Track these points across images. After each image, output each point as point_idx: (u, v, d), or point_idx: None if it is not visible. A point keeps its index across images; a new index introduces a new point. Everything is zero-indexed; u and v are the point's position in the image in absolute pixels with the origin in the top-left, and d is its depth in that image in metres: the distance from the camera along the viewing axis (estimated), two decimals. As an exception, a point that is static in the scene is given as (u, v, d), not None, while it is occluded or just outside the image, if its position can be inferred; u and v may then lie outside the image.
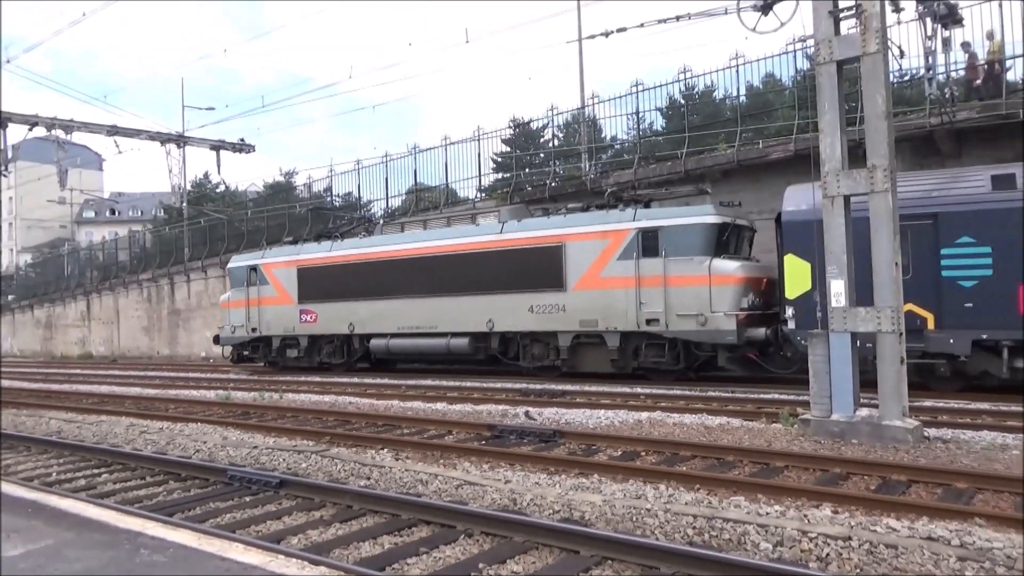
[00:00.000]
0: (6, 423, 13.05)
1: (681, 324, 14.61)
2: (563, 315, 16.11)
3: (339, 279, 19.98)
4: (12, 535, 4.71)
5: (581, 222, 16.30)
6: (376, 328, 19.25)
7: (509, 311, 16.87)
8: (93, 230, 76.04)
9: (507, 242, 17.09)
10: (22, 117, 23.23)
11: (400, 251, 18.94)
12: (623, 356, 15.58)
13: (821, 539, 4.95)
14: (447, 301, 17.82)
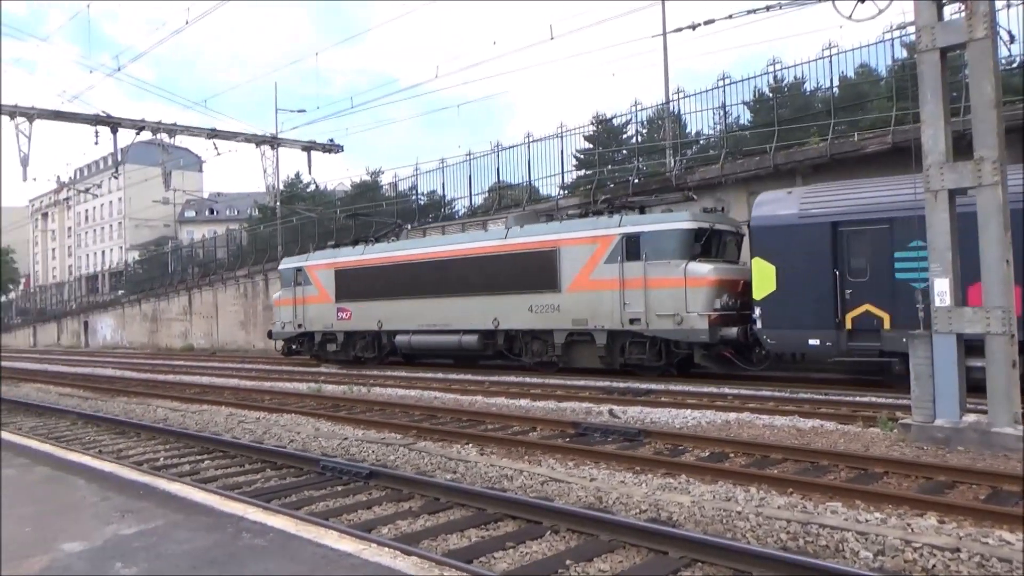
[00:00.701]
0: (118, 410, 13.89)
1: (660, 323, 15.52)
2: (558, 314, 17.26)
3: (369, 280, 21.70)
4: (127, 515, 5.02)
5: (573, 228, 17.47)
6: (400, 325, 20.76)
7: (512, 310, 18.09)
8: (194, 229, 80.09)
9: (510, 247, 18.37)
10: (131, 122, 24.62)
11: (419, 255, 20.53)
12: (610, 353, 16.62)
13: (927, 550, 4.72)
14: (459, 301, 19.17)
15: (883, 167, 15.89)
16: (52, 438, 10.45)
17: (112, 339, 48.64)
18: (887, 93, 18.61)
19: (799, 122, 19.71)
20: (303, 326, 23.85)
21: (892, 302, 12.77)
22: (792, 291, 13.79)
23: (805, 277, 13.69)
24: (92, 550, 4.26)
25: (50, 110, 23.65)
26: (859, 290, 13.26)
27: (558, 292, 17.24)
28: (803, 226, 13.80)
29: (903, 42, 18.39)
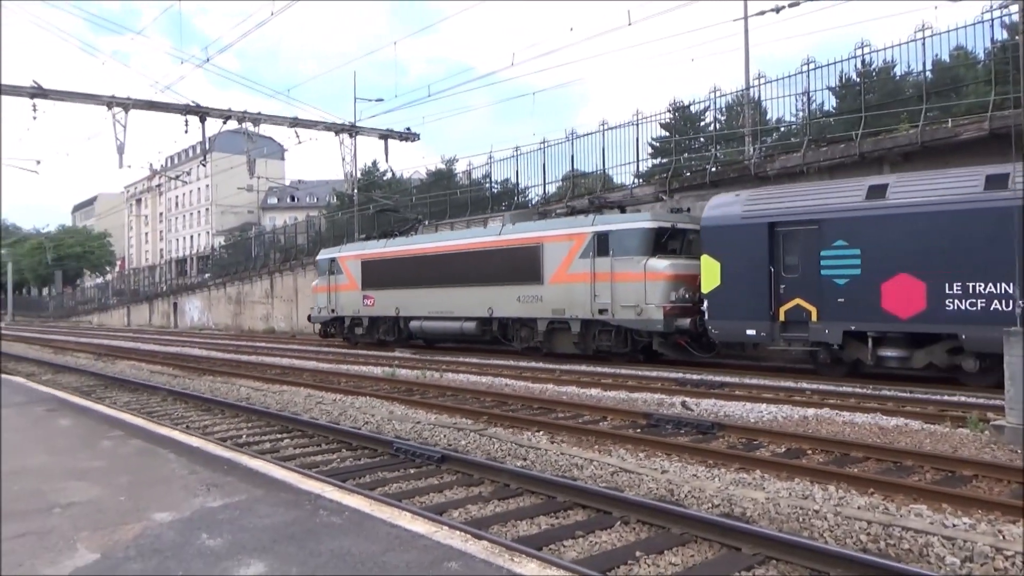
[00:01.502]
0: (204, 388, 14.53)
1: (623, 314, 17.08)
2: (541, 304, 19.02)
3: (389, 271, 24.10)
4: (212, 488, 5.26)
5: (555, 226, 19.25)
6: (413, 312, 23.07)
7: (504, 300, 19.95)
8: (276, 215, 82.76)
9: (503, 242, 20.24)
10: (218, 112, 25.61)
11: (429, 248, 22.72)
12: (583, 340, 18.37)
13: (1019, 558, 4.48)
14: (461, 291, 21.18)
15: (978, 155, 15.04)
16: (144, 413, 11.02)
17: (199, 320, 50.82)
18: (985, 77, 17.58)
19: (888, 108, 18.85)
20: (335, 311, 26.43)
21: (819, 296, 14.03)
22: (733, 285, 15.13)
23: (745, 273, 14.96)
24: (180, 520, 4.48)
25: (144, 100, 24.82)
26: (791, 285, 14.51)
27: (541, 284, 18.98)
28: (744, 226, 15.11)
29: (1004, 22, 17.32)
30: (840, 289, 13.79)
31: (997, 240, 11.90)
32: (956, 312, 12.49)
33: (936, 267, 12.68)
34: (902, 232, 13.10)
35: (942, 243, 12.59)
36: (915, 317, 12.95)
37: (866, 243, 13.52)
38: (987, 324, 12.00)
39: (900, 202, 13.28)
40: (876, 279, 13.33)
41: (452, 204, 31.84)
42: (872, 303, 13.37)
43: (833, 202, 14.16)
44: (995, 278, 12.13)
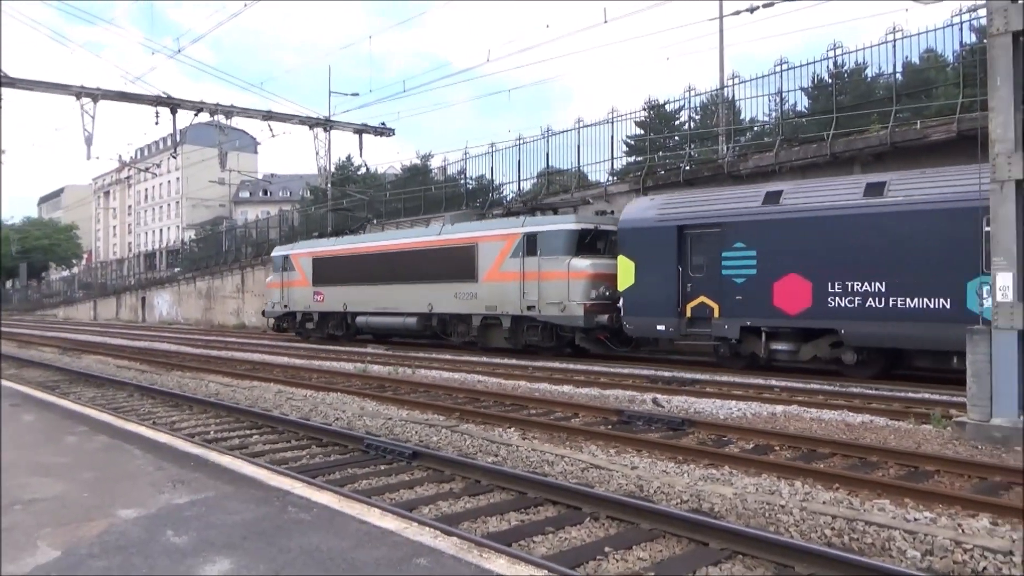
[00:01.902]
0: (173, 384, 14.35)
1: (549, 310, 18.09)
2: (475, 301, 19.96)
3: (337, 268, 25.02)
4: (179, 485, 5.19)
5: (489, 227, 20.34)
6: (360, 308, 24.00)
7: (442, 297, 20.94)
8: (248, 209, 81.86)
9: (442, 241, 21.29)
10: (190, 104, 25.23)
11: (375, 247, 23.74)
12: (514, 335, 19.25)
13: (978, 551, 4.59)
14: (403, 288, 22.13)
15: (948, 156, 15.32)
16: (110, 408, 10.85)
17: (168, 315, 50.12)
18: (954, 79, 17.91)
19: (860, 109, 19.12)
20: (288, 306, 27.58)
21: (720, 294, 15.10)
22: (646, 284, 16.22)
23: (656, 272, 16.03)
24: (147, 517, 4.42)
25: (114, 91, 24.39)
26: (697, 284, 15.60)
27: (476, 282, 19.97)
28: (657, 229, 16.19)
29: (972, 26, 17.65)
30: (738, 287, 14.88)
31: (873, 242, 13.13)
32: (837, 309, 13.61)
33: (820, 267, 13.79)
34: (792, 235, 14.19)
35: (826, 245, 13.69)
36: (802, 313, 14.06)
37: (761, 245, 14.59)
38: (863, 320, 13.27)
39: (791, 207, 14.44)
40: (769, 278, 14.43)
41: (427, 200, 31.71)
42: (765, 300, 14.45)
43: (734, 207, 15.30)
44: (870, 278, 13.25)
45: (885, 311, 13.02)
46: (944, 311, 12.41)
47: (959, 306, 12.16)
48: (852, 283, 13.45)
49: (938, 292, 12.55)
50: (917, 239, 12.76)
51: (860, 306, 13.33)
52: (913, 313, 12.78)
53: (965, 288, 12.17)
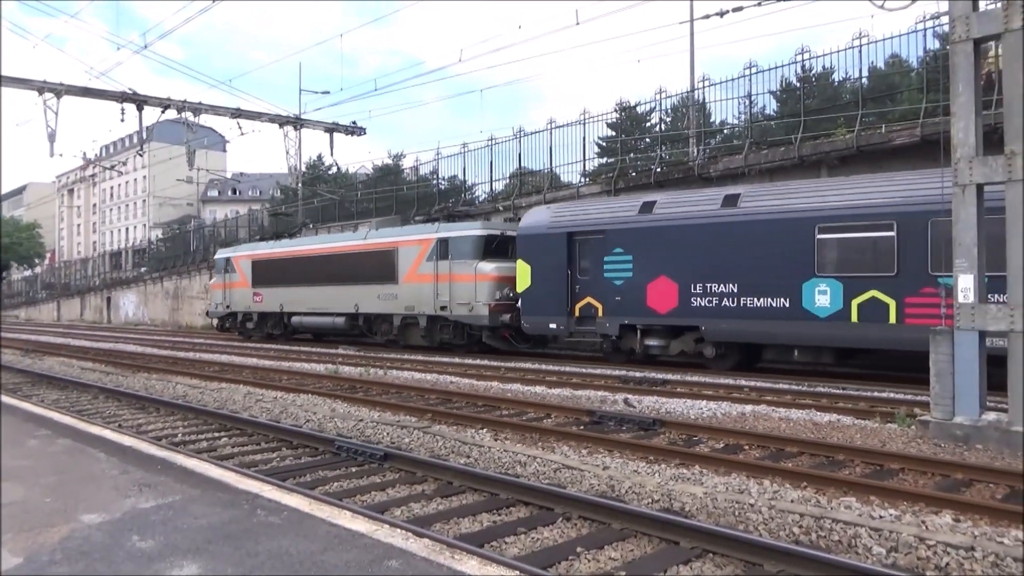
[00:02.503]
0: (139, 386, 14.09)
1: (459, 310, 19.49)
2: (396, 301, 21.39)
3: (274, 270, 26.43)
4: (144, 489, 5.10)
5: (408, 232, 21.95)
6: (295, 308, 25.46)
7: (367, 298, 22.29)
8: (216, 208, 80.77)
9: (367, 246, 22.69)
10: (157, 100, 24.79)
11: (308, 250, 25.26)
12: (429, 333, 20.71)
13: (940, 547, 4.68)
14: (333, 289, 23.44)
15: (911, 159, 15.65)
16: (74, 411, 10.64)
17: (134, 315, 49.27)
18: (918, 85, 18.28)
19: (826, 113, 19.42)
20: (230, 307, 28.86)
21: (603, 295, 16.57)
22: (541, 285, 17.67)
23: (549, 275, 17.48)
24: (111, 522, 4.34)
25: (78, 87, 23.88)
26: (584, 286, 17.05)
27: (396, 284, 21.41)
28: (549, 235, 17.60)
29: (936, 32, 18.03)
30: (618, 289, 16.36)
31: (727, 248, 14.62)
32: (699, 308, 15.15)
33: (685, 271, 15.30)
34: (662, 242, 15.68)
35: (690, 251, 15.21)
36: (670, 312, 15.59)
37: (637, 250, 16.08)
38: (720, 318, 14.82)
39: (662, 216, 15.90)
40: (643, 281, 15.95)
41: (399, 200, 31.57)
42: (640, 301, 15.97)
43: (615, 215, 16.76)
44: (726, 280, 14.76)
45: (738, 310, 14.56)
46: (784, 309, 13.98)
47: (796, 305, 13.79)
48: (711, 285, 14.96)
49: (780, 293, 14.06)
50: (763, 245, 14.24)
51: (717, 306, 14.86)
52: (760, 311, 14.30)
53: (801, 289, 13.79)
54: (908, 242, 12.64)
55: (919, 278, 12.46)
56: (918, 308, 12.47)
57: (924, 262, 12.49)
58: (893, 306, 12.75)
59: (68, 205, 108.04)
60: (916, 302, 12.51)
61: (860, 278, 13.15)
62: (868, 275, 13.09)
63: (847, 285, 13.27)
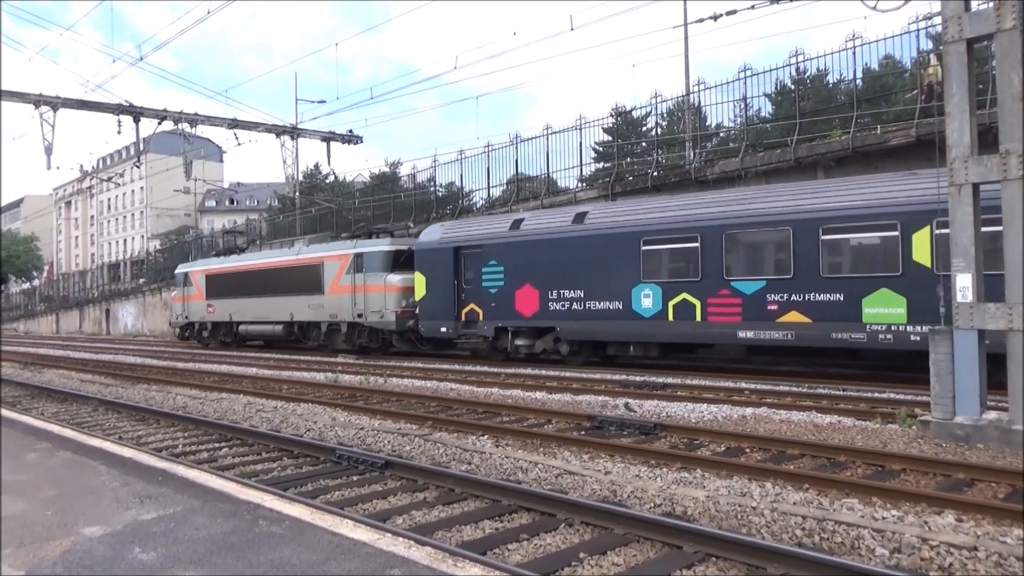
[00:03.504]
0: (138, 397, 14.07)
1: (372, 317, 21.93)
2: (322, 310, 23.80)
3: (224, 283, 28.95)
4: (146, 500, 5.09)
5: (333, 248, 24.43)
6: (241, 317, 27.90)
7: (299, 307, 24.76)
8: (214, 218, 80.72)
9: (299, 260, 25.19)
10: (153, 112, 24.84)
11: (251, 264, 28.02)
12: (350, 338, 23.17)
13: (944, 548, 4.67)
14: (272, 300, 25.90)
15: (907, 160, 15.69)
16: (74, 424, 10.62)
17: (133, 327, 49.19)
18: (912, 85, 18.34)
19: (822, 114, 19.48)
20: (188, 317, 31.42)
21: (482, 302, 18.90)
22: (433, 294, 20.05)
23: (440, 285, 19.85)
24: (112, 534, 4.33)
25: (74, 99, 23.92)
26: (467, 294, 19.36)
27: (323, 295, 23.75)
28: (440, 249, 19.95)
29: (929, 33, 18.11)
30: (493, 296, 18.71)
31: (576, 259, 16.85)
32: (555, 311, 17.45)
33: (544, 279, 17.55)
34: (527, 254, 17.95)
35: (547, 262, 17.45)
36: (533, 316, 17.90)
37: (507, 262, 18.42)
38: (571, 320, 17.14)
39: (528, 232, 18.20)
40: (512, 288, 18.26)
41: (396, 208, 31.59)
42: (510, 306, 18.29)
43: (491, 231, 19.22)
44: (575, 287, 17.02)
45: (584, 312, 16.86)
46: (619, 311, 16.22)
47: (628, 307, 16.08)
48: (564, 291, 17.27)
49: (615, 297, 16.27)
50: (603, 256, 16.48)
51: (569, 309, 17.18)
52: (602, 313, 16.58)
53: (631, 293, 16.01)
54: (709, 252, 14.88)
55: (718, 282, 14.76)
56: (717, 307, 14.82)
57: (721, 269, 14.73)
58: (699, 306, 15.06)
59: (66, 217, 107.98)
60: (715, 302, 14.84)
61: (674, 283, 15.49)
62: (680, 280, 15.42)
63: (665, 289, 15.59)
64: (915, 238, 12.57)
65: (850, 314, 13.17)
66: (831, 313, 13.39)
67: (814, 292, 13.59)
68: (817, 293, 13.57)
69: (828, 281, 13.48)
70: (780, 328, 13.98)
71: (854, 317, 13.13)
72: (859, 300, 13.12)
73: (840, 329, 13.32)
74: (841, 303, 13.31)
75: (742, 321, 14.43)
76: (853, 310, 13.15)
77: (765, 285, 14.13)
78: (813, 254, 13.62)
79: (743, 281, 14.47)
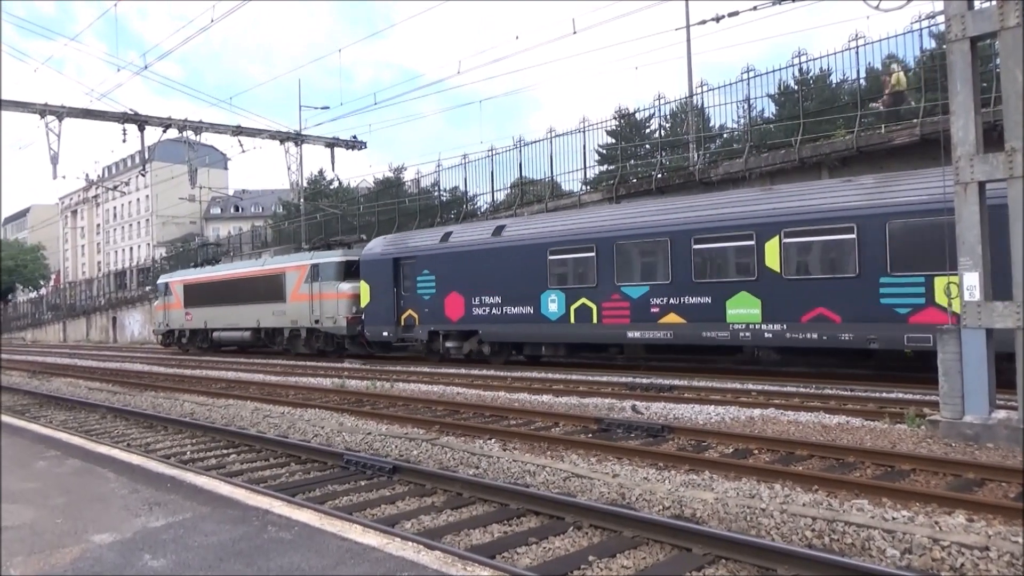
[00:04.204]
0: (146, 404, 14.11)
1: (327, 323, 24.07)
2: (285, 317, 25.98)
3: (200, 293, 31.19)
4: (155, 507, 5.10)
5: (294, 259, 26.56)
6: (215, 324, 30.10)
7: (265, 314, 26.91)
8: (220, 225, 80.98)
9: (264, 271, 27.32)
10: (158, 120, 24.96)
11: (223, 275, 30.34)
12: (308, 343, 25.30)
13: (955, 548, 4.64)
14: (241, 308, 28.14)
15: (911, 159, 15.65)
16: (82, 431, 10.64)
17: (140, 334, 49.31)
18: (915, 84, 18.30)
19: (825, 114, 19.44)
20: (169, 325, 33.57)
21: (418, 308, 20.77)
22: (376, 301, 21.95)
23: (382, 293, 21.71)
24: (122, 542, 4.34)
25: (79, 108, 24.04)
26: (406, 300, 21.22)
27: (285, 302, 25.88)
28: (383, 260, 21.90)
29: (932, 32, 18.07)
30: (427, 302, 20.53)
31: (495, 268, 18.67)
32: (477, 316, 19.22)
33: (468, 287, 19.38)
34: (454, 264, 19.80)
35: (471, 271, 19.29)
36: (459, 320, 19.75)
37: (438, 271, 20.24)
38: (491, 323, 18.91)
39: (455, 244, 20.04)
40: (442, 295, 20.09)
41: (401, 213, 31.65)
42: (441, 312, 20.12)
43: (425, 244, 21.07)
44: (494, 293, 18.80)
45: (502, 316, 18.64)
46: (530, 315, 18.07)
47: (537, 311, 17.95)
48: (485, 297, 19.00)
49: (527, 302, 18.06)
50: (517, 266, 18.24)
51: (489, 314, 18.93)
52: (516, 317, 18.37)
53: (540, 298, 17.82)
54: (603, 261, 16.63)
55: (610, 288, 16.46)
56: (610, 311, 16.53)
57: (613, 276, 16.41)
58: (595, 309, 16.77)
59: (72, 226, 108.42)
60: (609, 306, 16.54)
61: (575, 289, 17.17)
62: (579, 287, 17.10)
63: (568, 295, 17.31)
64: (767, 247, 14.22)
65: (717, 314, 14.85)
66: (702, 314, 15.11)
67: (687, 296, 15.34)
68: (690, 296, 15.32)
69: (699, 285, 15.19)
70: (661, 328, 15.78)
71: (720, 317, 14.82)
72: (724, 302, 14.78)
73: (709, 328, 15.03)
74: (710, 305, 15.00)
75: (630, 323, 16.25)
76: (719, 311, 14.83)
77: (648, 290, 15.96)
78: (687, 262, 15.34)
79: (631, 287, 16.27)
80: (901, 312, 12.64)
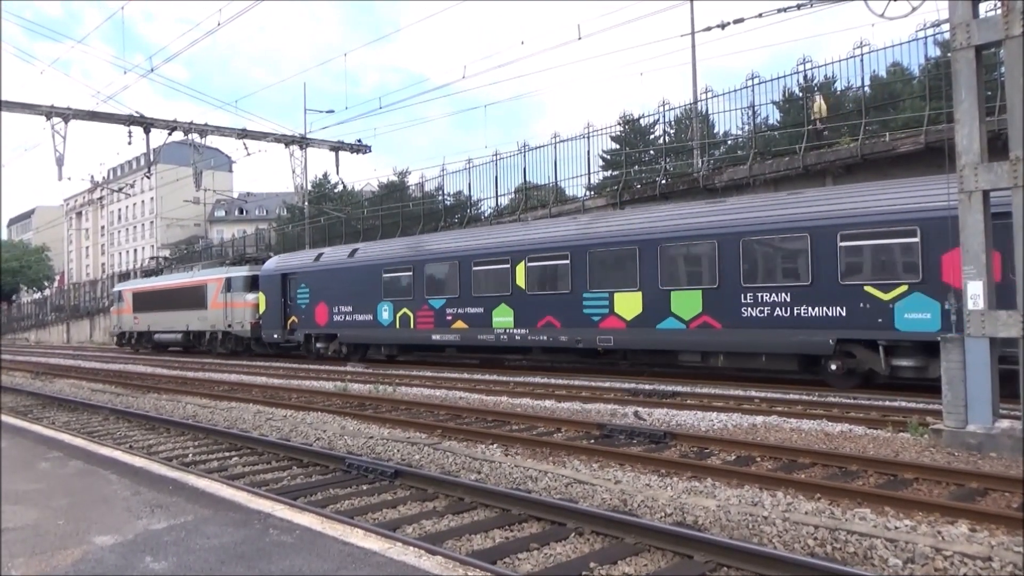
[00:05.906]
0: (149, 407, 14.13)
1: (237, 327, 28.36)
2: (207, 322, 30.13)
3: (144, 300, 35.43)
4: (156, 510, 5.11)
5: (214, 272, 30.68)
6: (155, 327, 34.36)
7: (192, 320, 31.09)
8: (224, 228, 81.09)
9: (192, 282, 31.55)
10: (163, 122, 25.01)
11: (161, 284, 34.34)
12: (224, 344, 29.46)
13: (957, 558, 4.63)
14: (175, 313, 32.31)
15: (916, 167, 15.63)
16: (85, 433, 10.66)
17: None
18: (920, 92, 18.31)
19: (830, 122, 19.44)
20: (122, 328, 38.00)
21: (298, 315, 25.04)
22: (269, 309, 26.33)
23: (273, 302, 26.10)
24: (123, 544, 4.34)
25: (85, 111, 24.11)
26: (290, 309, 25.63)
27: (207, 309, 30.02)
28: (274, 275, 26.26)
29: (937, 40, 18.08)
30: (303, 310, 24.84)
31: (349, 283, 22.89)
32: (337, 322, 23.46)
33: (331, 298, 23.61)
34: (321, 280, 24.12)
35: (333, 286, 23.59)
36: (325, 325, 23.98)
37: (312, 285, 24.51)
38: (346, 328, 23.11)
39: (323, 263, 24.43)
40: (313, 305, 24.31)
41: (405, 217, 31.69)
42: (312, 318, 24.40)
43: (304, 262, 25.60)
44: (347, 303, 22.92)
45: (353, 322, 22.81)
46: (370, 321, 22.16)
47: (375, 318, 21.94)
48: (341, 307, 23.22)
49: (368, 311, 22.18)
50: (362, 281, 22.41)
51: (345, 320, 23.08)
52: (361, 323, 22.53)
53: (377, 308, 21.90)
54: (417, 278, 20.80)
55: (421, 300, 20.59)
56: (422, 318, 20.62)
57: (423, 290, 20.54)
58: (412, 317, 20.88)
59: (76, 228, 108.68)
60: (421, 315, 20.65)
61: (400, 300, 21.29)
62: (402, 298, 21.19)
63: (395, 305, 21.43)
64: (517, 269, 18.25)
65: (487, 322, 18.79)
66: (477, 321, 19.09)
67: (469, 307, 19.35)
68: (471, 307, 19.30)
69: (475, 299, 19.19)
70: (453, 332, 19.79)
71: (488, 324, 18.76)
72: (491, 312, 18.76)
73: (482, 333, 18.95)
74: (482, 314, 18.96)
75: (434, 327, 20.23)
76: (488, 319, 18.79)
77: (446, 302, 19.96)
78: (468, 279, 19.37)
79: (435, 299, 20.32)
80: (595, 319, 16.62)
